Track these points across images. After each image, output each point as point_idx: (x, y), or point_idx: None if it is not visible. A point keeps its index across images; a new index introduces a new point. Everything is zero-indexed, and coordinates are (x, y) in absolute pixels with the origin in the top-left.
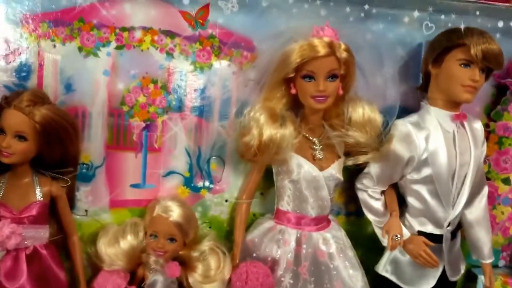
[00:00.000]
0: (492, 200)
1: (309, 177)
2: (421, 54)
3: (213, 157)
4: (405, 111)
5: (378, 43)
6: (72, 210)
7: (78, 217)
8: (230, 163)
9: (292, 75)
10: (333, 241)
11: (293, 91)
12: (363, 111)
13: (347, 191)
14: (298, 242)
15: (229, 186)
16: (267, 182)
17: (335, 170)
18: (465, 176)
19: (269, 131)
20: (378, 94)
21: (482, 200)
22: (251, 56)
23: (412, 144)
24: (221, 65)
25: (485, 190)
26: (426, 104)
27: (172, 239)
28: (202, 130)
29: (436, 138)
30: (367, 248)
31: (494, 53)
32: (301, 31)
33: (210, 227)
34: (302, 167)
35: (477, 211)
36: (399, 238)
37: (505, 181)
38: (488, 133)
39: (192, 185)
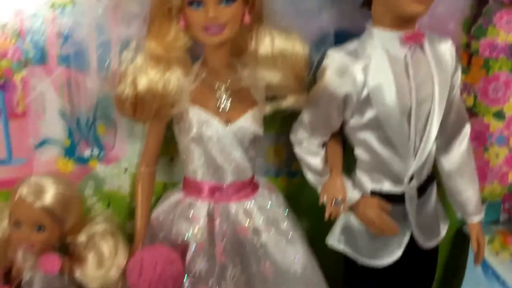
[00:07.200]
0: (483, 140)
1: (213, 134)
2: None
3: (99, 118)
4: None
5: None
6: None
7: None
8: (123, 124)
9: (178, 2)
10: (258, 213)
11: (181, 24)
12: (271, 42)
13: (289, 146)
14: (211, 217)
15: (127, 152)
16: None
17: (248, 122)
18: (428, 114)
19: (147, 78)
20: (312, 19)
21: (462, 143)
22: None
23: (346, 77)
24: None
25: (467, 129)
26: (370, 26)
27: (40, 228)
28: (79, 85)
29: (379, 69)
30: (319, 216)
31: None
32: None
33: (109, 205)
34: (202, 122)
35: (456, 157)
36: (339, 202)
37: (498, 115)
38: (469, 56)
39: (76, 155)
